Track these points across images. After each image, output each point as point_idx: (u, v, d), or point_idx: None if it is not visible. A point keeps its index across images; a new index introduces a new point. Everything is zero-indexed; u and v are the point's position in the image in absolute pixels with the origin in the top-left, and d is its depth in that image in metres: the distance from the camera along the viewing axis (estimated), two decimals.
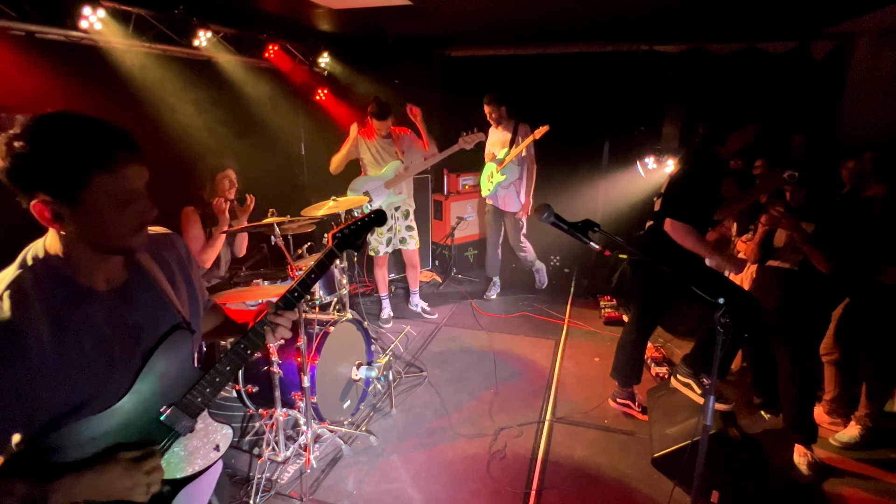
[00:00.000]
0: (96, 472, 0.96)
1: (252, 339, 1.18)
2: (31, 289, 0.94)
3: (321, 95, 5.74)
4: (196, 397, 1.12)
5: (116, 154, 0.93)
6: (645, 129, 5.29)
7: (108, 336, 1.01)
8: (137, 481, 1.00)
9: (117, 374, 1.02)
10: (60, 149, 0.90)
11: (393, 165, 4.06)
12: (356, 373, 3.02)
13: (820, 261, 2.53)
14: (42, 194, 0.91)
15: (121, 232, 0.97)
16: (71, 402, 0.96)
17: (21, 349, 0.90)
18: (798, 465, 2.61)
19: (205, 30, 3.85)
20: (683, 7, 3.63)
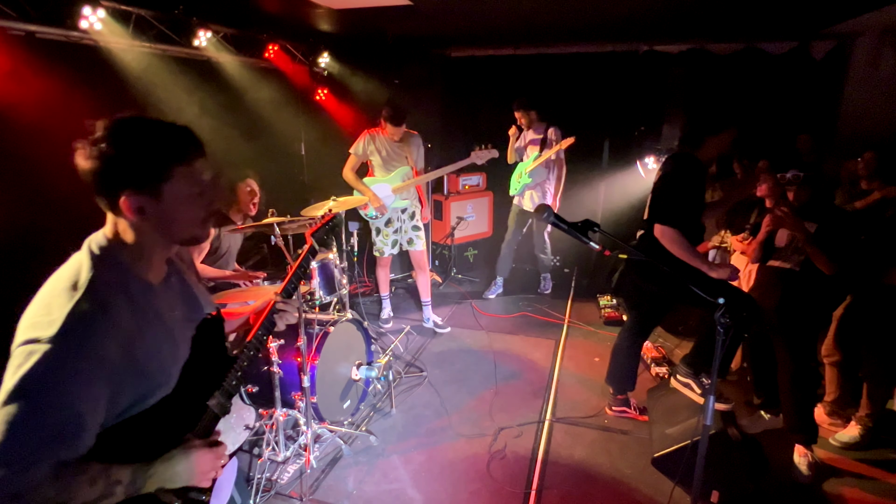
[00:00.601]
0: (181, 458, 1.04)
1: (266, 325, 1.30)
2: (109, 279, 1.00)
3: (321, 95, 5.75)
4: (231, 381, 1.20)
5: (190, 148, 1.02)
6: (645, 129, 5.29)
7: (169, 327, 1.09)
8: (212, 466, 1.08)
9: (176, 363, 1.10)
10: (143, 146, 0.97)
11: (402, 171, 3.98)
12: (356, 373, 3.02)
13: (822, 262, 2.52)
14: (128, 190, 0.98)
15: (194, 221, 1.06)
16: (146, 389, 1.02)
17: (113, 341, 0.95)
18: (798, 465, 2.61)
19: (205, 30, 3.85)
20: (683, 7, 3.63)
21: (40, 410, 0.87)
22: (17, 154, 3.05)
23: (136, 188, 0.98)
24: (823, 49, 4.53)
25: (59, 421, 0.88)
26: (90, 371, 0.91)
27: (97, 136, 0.96)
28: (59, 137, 3.39)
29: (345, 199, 3.49)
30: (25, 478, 0.85)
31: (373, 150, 3.92)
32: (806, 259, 2.61)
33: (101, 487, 0.92)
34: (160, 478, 1.01)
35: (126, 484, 0.96)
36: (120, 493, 0.95)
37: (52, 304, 0.94)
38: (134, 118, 1.00)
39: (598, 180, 5.59)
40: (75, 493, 0.89)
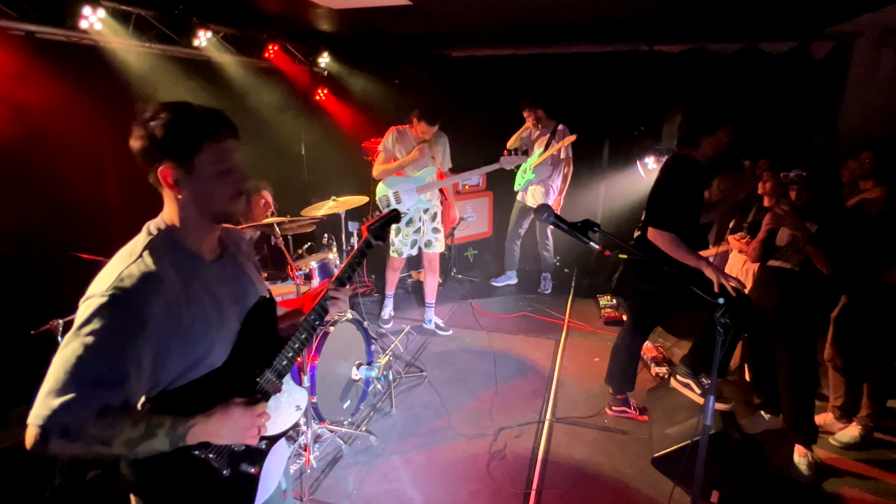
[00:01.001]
0: (220, 414, 1.11)
1: (319, 311, 1.37)
2: (162, 251, 1.11)
3: (321, 95, 5.75)
4: (282, 361, 1.28)
5: (221, 128, 1.12)
6: (645, 129, 5.29)
7: (217, 298, 1.18)
8: (252, 422, 1.15)
9: (224, 335, 1.18)
10: (180, 122, 1.09)
11: (428, 171, 3.89)
12: (356, 373, 3.02)
13: (822, 261, 2.52)
14: (166, 161, 1.09)
15: (224, 197, 1.14)
16: (193, 356, 1.12)
17: (165, 300, 1.06)
18: (798, 465, 2.61)
19: (205, 30, 3.85)
20: (683, 7, 3.63)
21: (90, 353, 0.98)
22: (18, 154, 3.05)
23: (171, 159, 1.09)
24: (823, 49, 4.52)
25: (104, 366, 0.99)
26: (135, 326, 1.02)
27: (146, 115, 1.09)
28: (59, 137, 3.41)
29: (345, 199, 3.49)
30: (73, 413, 0.95)
31: (399, 148, 3.82)
32: (806, 259, 2.61)
33: (142, 428, 1.02)
34: (201, 430, 1.08)
35: (167, 429, 1.04)
36: (162, 437, 1.04)
37: (111, 269, 1.07)
38: (177, 102, 1.12)
39: (598, 180, 5.59)
40: (119, 431, 1.00)
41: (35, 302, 2.76)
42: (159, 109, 1.09)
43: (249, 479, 1.23)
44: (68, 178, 3.30)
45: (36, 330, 2.45)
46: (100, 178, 3.68)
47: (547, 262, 5.15)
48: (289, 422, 1.34)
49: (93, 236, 3.52)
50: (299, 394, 1.39)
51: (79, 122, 3.37)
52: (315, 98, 5.74)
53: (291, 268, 3.00)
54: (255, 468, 1.23)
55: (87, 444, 0.98)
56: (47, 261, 3.12)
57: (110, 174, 3.72)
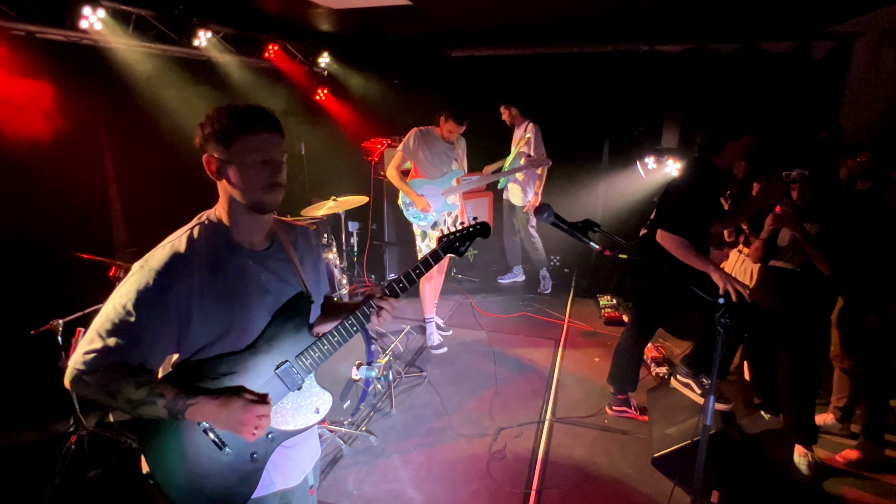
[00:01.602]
0: (221, 402, 1.17)
1: (359, 317, 1.38)
2: (200, 236, 1.22)
3: (321, 95, 5.75)
4: (307, 358, 1.33)
5: (258, 122, 1.20)
6: (645, 130, 5.29)
7: (248, 284, 1.25)
8: (249, 420, 1.17)
9: (250, 319, 1.25)
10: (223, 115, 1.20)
11: (453, 174, 3.77)
12: (356, 373, 3.02)
13: (822, 262, 2.51)
14: (209, 149, 1.21)
15: (257, 186, 1.20)
16: (212, 333, 1.20)
17: (189, 278, 1.17)
18: (798, 465, 2.61)
19: (205, 30, 3.85)
20: (683, 7, 3.63)
21: (115, 313, 1.13)
22: (18, 154, 3.05)
23: (212, 149, 1.20)
24: (823, 49, 4.52)
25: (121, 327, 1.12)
26: (154, 297, 1.14)
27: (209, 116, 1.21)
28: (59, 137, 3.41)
29: (345, 199, 3.49)
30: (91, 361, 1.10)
31: (423, 149, 3.68)
32: (807, 260, 2.60)
33: (143, 392, 1.12)
34: (199, 410, 1.15)
35: (168, 400, 1.13)
36: (161, 406, 1.12)
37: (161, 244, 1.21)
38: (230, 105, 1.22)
39: (598, 180, 5.59)
40: (123, 388, 1.11)
41: (35, 302, 2.77)
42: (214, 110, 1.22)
43: (253, 465, 1.27)
44: (68, 178, 3.30)
45: (36, 330, 2.45)
46: (100, 179, 3.68)
47: (539, 260, 5.10)
48: (305, 423, 1.35)
49: (93, 236, 3.54)
50: (323, 397, 1.38)
51: (79, 122, 3.37)
52: (315, 98, 5.74)
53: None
54: (258, 455, 1.27)
55: (96, 392, 1.11)
56: (47, 261, 3.12)
57: (110, 174, 3.72)
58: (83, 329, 2.50)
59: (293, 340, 1.31)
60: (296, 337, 1.32)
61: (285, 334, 1.30)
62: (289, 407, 1.31)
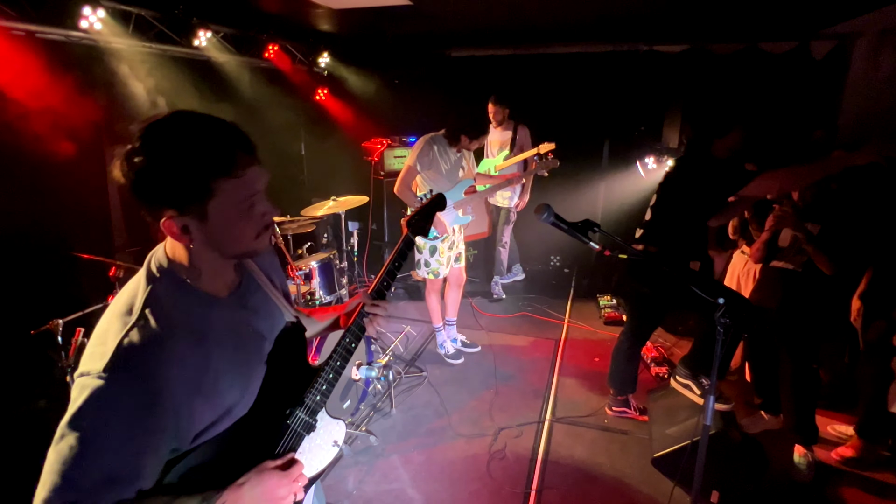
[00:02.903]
0: (252, 484, 0.95)
1: (355, 331, 1.21)
2: (166, 301, 0.91)
3: (321, 95, 5.75)
4: (315, 395, 1.13)
5: (237, 157, 0.88)
6: (645, 130, 5.29)
7: (240, 339, 1.01)
8: (289, 490, 1.00)
9: (251, 378, 1.02)
10: (179, 159, 0.84)
11: (464, 184, 3.52)
12: (356, 373, 3.02)
13: (823, 262, 2.50)
14: (168, 210, 0.87)
15: (248, 237, 0.94)
16: (219, 411, 0.95)
17: (177, 368, 0.88)
18: (798, 465, 2.61)
19: (205, 30, 3.85)
20: (683, 7, 3.63)
21: (92, 452, 0.81)
22: (18, 154, 3.06)
23: (175, 208, 0.87)
24: (823, 49, 4.52)
25: (113, 463, 0.82)
26: (146, 407, 0.84)
27: (130, 147, 0.85)
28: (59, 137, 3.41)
29: (345, 199, 3.49)
30: None
31: (435, 161, 3.35)
32: (809, 260, 2.59)
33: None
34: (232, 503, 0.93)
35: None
36: None
37: (108, 332, 0.87)
38: (172, 119, 0.87)
39: (598, 180, 5.59)
40: None
41: (35, 302, 2.77)
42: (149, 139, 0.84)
43: None
44: (68, 178, 3.30)
45: (36, 330, 2.45)
46: (100, 178, 3.68)
47: (500, 262, 5.03)
48: (326, 460, 1.20)
49: (93, 236, 3.54)
50: (336, 427, 1.23)
51: (79, 122, 3.37)
52: (315, 98, 5.74)
53: (291, 268, 3.00)
54: None
55: None
56: (47, 261, 3.12)
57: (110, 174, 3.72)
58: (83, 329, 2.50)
59: (295, 379, 1.12)
60: (297, 375, 1.13)
61: (286, 376, 1.10)
62: (308, 452, 1.15)
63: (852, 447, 2.70)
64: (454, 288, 3.81)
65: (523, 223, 5.12)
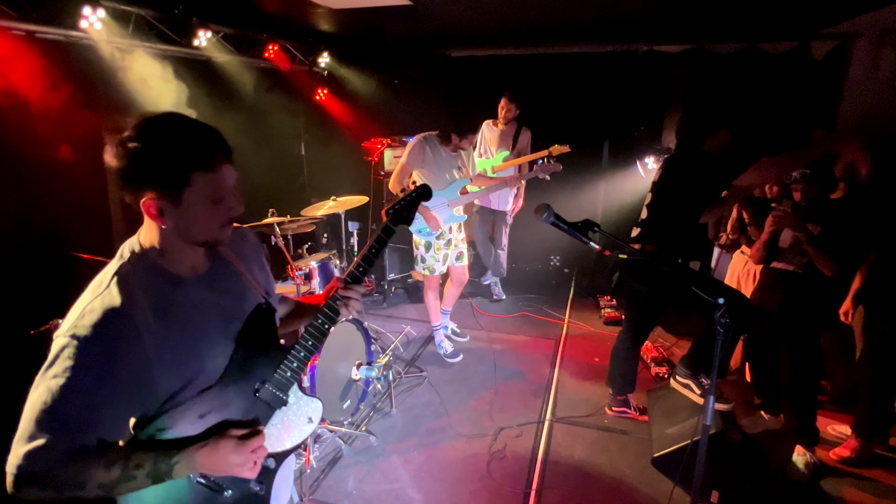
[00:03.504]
0: (210, 449, 1.03)
1: (328, 313, 1.28)
2: (132, 278, 1.03)
3: (321, 95, 5.75)
4: (285, 372, 1.21)
5: (216, 156, 1.02)
6: (645, 130, 5.29)
7: (204, 317, 1.10)
8: (246, 459, 1.06)
9: (215, 354, 1.11)
10: (168, 149, 0.99)
11: (459, 183, 3.55)
12: (356, 373, 3.02)
13: (824, 263, 2.48)
14: (150, 191, 1.00)
15: (213, 227, 1.06)
16: (181, 381, 1.06)
17: (135, 334, 0.99)
18: (796, 464, 2.61)
19: (205, 30, 3.85)
20: (684, 7, 3.63)
21: (58, 397, 0.94)
22: (17, 154, 3.05)
23: (157, 191, 1.00)
24: (823, 49, 4.52)
25: (72, 409, 0.94)
26: (103, 366, 0.96)
27: (126, 134, 0.99)
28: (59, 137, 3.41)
29: (345, 199, 3.49)
30: (43, 460, 0.92)
31: (428, 160, 3.40)
32: (809, 261, 2.57)
33: (118, 471, 0.96)
34: (188, 465, 1.01)
35: (148, 469, 0.98)
36: (141, 477, 0.98)
37: (81, 301, 1.02)
38: (166, 117, 1.02)
39: (598, 180, 5.59)
40: (92, 475, 0.95)
41: (35, 302, 2.76)
42: (143, 129, 0.99)
43: (258, 499, 1.17)
44: (68, 177, 3.30)
45: (36, 330, 2.45)
46: (100, 178, 3.68)
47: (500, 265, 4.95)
48: (300, 436, 1.26)
49: (93, 236, 3.53)
50: (312, 405, 1.28)
51: (79, 122, 3.37)
52: (315, 98, 5.74)
53: (291, 268, 3.00)
54: (262, 488, 1.18)
55: (59, 490, 0.93)
56: (47, 261, 3.12)
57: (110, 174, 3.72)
58: None
59: (266, 357, 1.20)
60: (268, 353, 1.21)
61: (256, 354, 1.18)
62: (280, 426, 1.22)
63: (849, 447, 2.71)
64: (455, 285, 3.87)
65: (523, 223, 5.12)
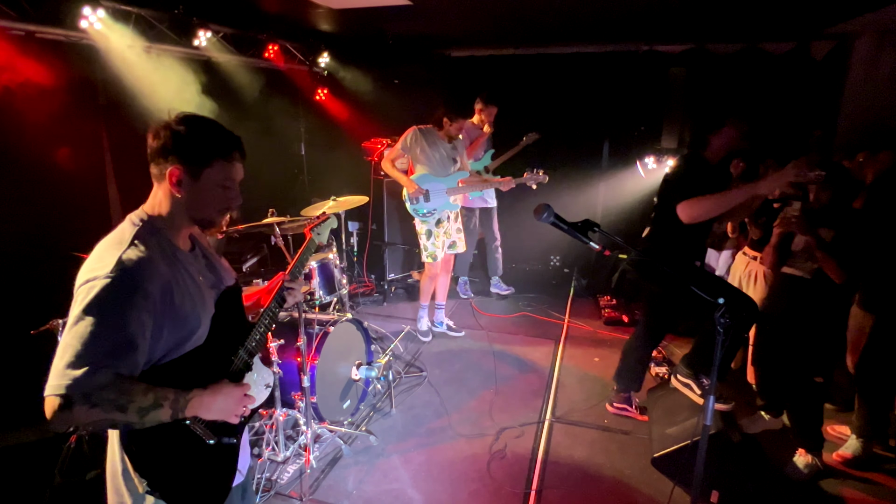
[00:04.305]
0: (212, 392, 1.24)
1: (278, 300, 1.55)
2: (149, 239, 1.21)
3: (321, 95, 5.75)
4: (251, 342, 1.43)
5: (234, 152, 1.28)
6: (645, 129, 5.29)
7: (197, 283, 1.30)
8: (240, 400, 1.29)
9: (206, 316, 1.30)
10: (202, 136, 1.24)
11: (459, 175, 3.85)
12: (356, 373, 3.02)
13: (833, 269, 2.43)
14: (178, 163, 1.21)
15: (215, 208, 1.28)
16: (182, 332, 1.23)
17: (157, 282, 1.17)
18: (797, 465, 2.61)
19: (205, 29, 3.85)
20: (684, 7, 3.63)
21: (102, 328, 1.08)
22: (18, 154, 3.05)
23: (184, 163, 1.21)
24: (823, 49, 4.52)
25: (116, 337, 1.10)
26: (138, 300, 1.12)
27: (172, 120, 1.22)
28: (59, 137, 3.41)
29: (345, 199, 3.49)
30: (93, 380, 1.05)
31: (423, 148, 3.74)
32: (819, 268, 2.53)
33: (152, 397, 1.12)
34: (197, 403, 1.19)
35: (172, 400, 1.15)
36: (167, 407, 1.14)
37: (104, 255, 1.16)
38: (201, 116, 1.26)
39: (598, 180, 5.59)
40: (133, 397, 1.10)
41: (35, 302, 2.76)
42: (187, 119, 1.23)
43: (230, 449, 1.37)
44: (68, 177, 3.30)
45: (36, 330, 2.45)
46: (100, 178, 3.68)
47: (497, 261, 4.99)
48: (262, 397, 1.48)
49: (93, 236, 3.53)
50: (267, 373, 1.54)
51: (79, 122, 3.37)
52: (315, 98, 5.73)
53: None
54: (234, 439, 1.37)
55: (105, 410, 1.07)
56: (47, 261, 3.12)
57: (110, 174, 3.72)
58: None
59: (237, 328, 1.42)
60: (238, 325, 1.43)
61: (230, 324, 1.39)
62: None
63: (851, 449, 2.70)
64: (444, 273, 4.13)
65: (523, 223, 5.12)
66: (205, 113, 1.25)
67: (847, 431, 2.83)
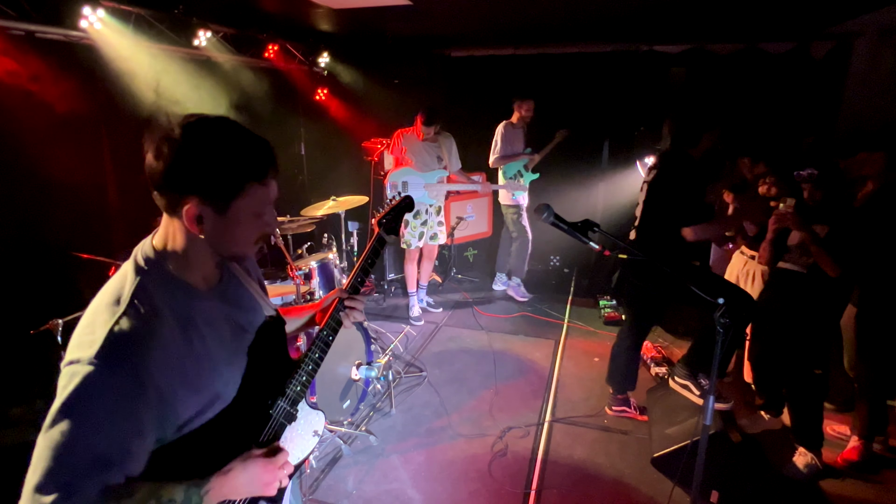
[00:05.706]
0: (237, 472, 0.98)
1: (332, 325, 1.27)
2: (153, 290, 0.94)
3: (321, 95, 5.75)
4: (296, 386, 1.17)
5: (269, 169, 0.97)
6: (645, 129, 5.28)
7: (222, 331, 1.03)
8: (274, 476, 1.03)
9: (233, 369, 1.04)
10: (223, 155, 0.91)
11: (437, 174, 4.18)
12: (356, 373, 3.02)
13: (827, 263, 2.44)
14: (196, 198, 0.91)
15: (249, 241, 1.00)
16: (203, 400, 0.97)
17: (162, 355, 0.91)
18: (797, 465, 2.61)
19: (204, 29, 3.85)
20: (683, 7, 3.63)
21: (83, 435, 0.83)
22: (18, 153, 3.05)
23: (204, 197, 0.91)
24: (823, 49, 4.52)
25: (103, 446, 0.85)
26: (134, 392, 0.87)
27: (174, 133, 0.89)
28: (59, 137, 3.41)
29: (345, 199, 3.49)
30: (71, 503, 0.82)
31: (404, 146, 4.11)
32: (814, 262, 2.54)
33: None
34: (219, 492, 0.96)
35: (180, 501, 0.91)
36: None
37: (96, 322, 0.90)
38: (218, 121, 0.94)
39: (597, 180, 5.59)
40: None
41: (35, 302, 2.76)
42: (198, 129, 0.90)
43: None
44: (68, 177, 3.30)
45: (36, 330, 2.45)
46: (100, 178, 3.68)
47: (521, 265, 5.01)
48: (306, 449, 1.25)
49: (93, 236, 3.53)
50: (316, 418, 1.29)
51: (79, 122, 3.37)
52: (315, 98, 5.73)
53: (291, 268, 3.00)
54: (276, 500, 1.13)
55: None
56: (47, 261, 3.12)
57: (110, 174, 3.72)
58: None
59: (277, 371, 1.16)
60: (278, 366, 1.17)
61: (268, 367, 1.13)
62: (289, 439, 1.19)
63: (856, 450, 2.69)
64: (427, 260, 4.54)
65: None
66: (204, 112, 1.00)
67: (847, 431, 2.83)
